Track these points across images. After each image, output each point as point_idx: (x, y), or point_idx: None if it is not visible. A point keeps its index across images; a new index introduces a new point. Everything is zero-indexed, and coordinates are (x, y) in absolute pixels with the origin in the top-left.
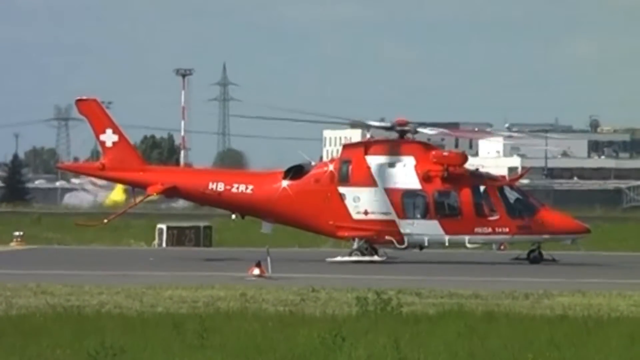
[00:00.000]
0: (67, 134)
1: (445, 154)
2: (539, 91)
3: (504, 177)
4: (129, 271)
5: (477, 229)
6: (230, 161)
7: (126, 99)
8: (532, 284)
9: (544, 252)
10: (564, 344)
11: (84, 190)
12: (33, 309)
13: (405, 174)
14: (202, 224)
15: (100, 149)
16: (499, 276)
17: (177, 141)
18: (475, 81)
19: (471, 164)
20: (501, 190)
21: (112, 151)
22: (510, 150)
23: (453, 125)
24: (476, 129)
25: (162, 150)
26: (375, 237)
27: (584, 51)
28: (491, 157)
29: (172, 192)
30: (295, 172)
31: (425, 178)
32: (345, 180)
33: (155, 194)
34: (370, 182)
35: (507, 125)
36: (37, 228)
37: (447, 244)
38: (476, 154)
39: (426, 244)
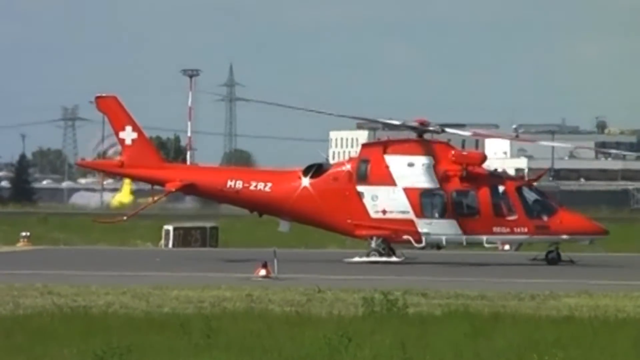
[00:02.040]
0: (74, 134)
1: (465, 153)
2: (545, 92)
3: (522, 177)
4: (136, 272)
5: (495, 229)
6: (237, 162)
7: (133, 99)
8: (539, 285)
9: (562, 253)
10: (570, 345)
11: (91, 190)
12: (40, 309)
13: (424, 174)
14: (208, 224)
15: (120, 146)
16: (505, 277)
17: (184, 142)
18: (481, 82)
19: None
20: (519, 190)
21: (131, 148)
22: (517, 152)
23: (460, 126)
24: (512, 132)
25: (168, 151)
26: (393, 236)
27: (591, 52)
28: (498, 158)
29: (190, 189)
30: (315, 170)
31: (443, 177)
32: (363, 179)
33: (174, 190)
34: (388, 181)
35: (514, 126)
36: (44, 228)
37: (464, 243)
38: None
39: (444, 243)
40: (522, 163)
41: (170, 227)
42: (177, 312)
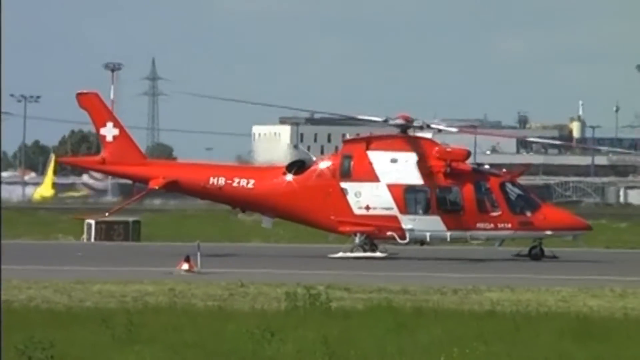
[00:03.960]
0: None
1: (449, 149)
2: (467, 87)
3: (506, 173)
4: (58, 266)
5: (479, 225)
6: (159, 156)
7: (55, 94)
8: (461, 280)
9: (545, 249)
10: (493, 340)
11: (13, 184)
12: None
13: (407, 170)
14: (130, 218)
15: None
16: (428, 272)
17: None
18: (403, 77)
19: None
20: (503, 186)
21: (112, 145)
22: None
23: (384, 122)
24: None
25: (90, 145)
26: (377, 233)
27: (512, 47)
28: None
29: (173, 187)
30: (298, 167)
31: (427, 173)
32: (346, 175)
33: (157, 188)
34: (372, 177)
35: (436, 120)
36: None
37: (449, 239)
38: None
39: (428, 239)
40: None
41: (92, 221)
42: (100, 307)
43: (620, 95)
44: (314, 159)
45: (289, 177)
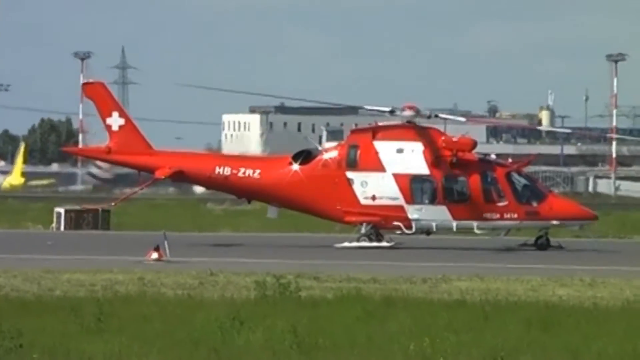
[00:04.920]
0: None
1: (455, 139)
2: (437, 76)
3: (512, 163)
4: (27, 254)
5: (485, 215)
6: None
7: (24, 83)
8: (431, 269)
9: (551, 239)
10: (462, 329)
11: None
12: None
13: (414, 159)
14: (100, 207)
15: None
16: (397, 260)
17: (76, 125)
18: (374, 67)
19: None
20: (509, 176)
21: (118, 135)
22: None
23: (352, 110)
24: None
25: (60, 134)
26: (383, 223)
27: (482, 37)
28: None
29: (179, 176)
30: (304, 157)
31: (433, 163)
32: (353, 165)
33: (163, 177)
34: (378, 167)
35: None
36: None
37: (455, 229)
38: None
39: (434, 229)
40: None
41: (61, 210)
42: (69, 296)
43: (590, 85)
44: (320, 148)
45: (295, 167)
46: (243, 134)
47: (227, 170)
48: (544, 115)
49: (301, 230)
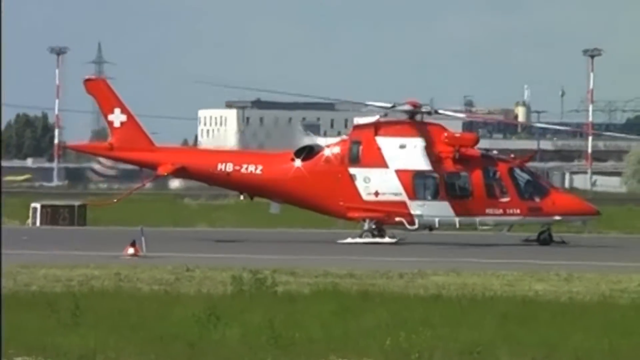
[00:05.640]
0: None
1: (457, 135)
2: (413, 71)
3: (514, 158)
4: (3, 250)
5: (488, 211)
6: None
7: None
8: (407, 264)
9: (553, 234)
10: (438, 323)
11: None
12: None
13: (416, 155)
14: (76, 202)
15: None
16: (373, 256)
17: (52, 120)
18: (350, 61)
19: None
20: (512, 171)
21: (120, 131)
22: None
23: (329, 105)
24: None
25: (35, 129)
26: (386, 218)
27: (458, 32)
28: None
29: (181, 173)
30: (307, 153)
31: (436, 159)
32: (355, 161)
33: (165, 174)
34: (380, 163)
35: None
36: None
37: (457, 225)
38: None
39: (437, 225)
40: None
41: (37, 205)
42: (45, 291)
43: (566, 80)
44: (322, 144)
45: (298, 162)
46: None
47: (229, 167)
48: (520, 111)
49: (279, 226)
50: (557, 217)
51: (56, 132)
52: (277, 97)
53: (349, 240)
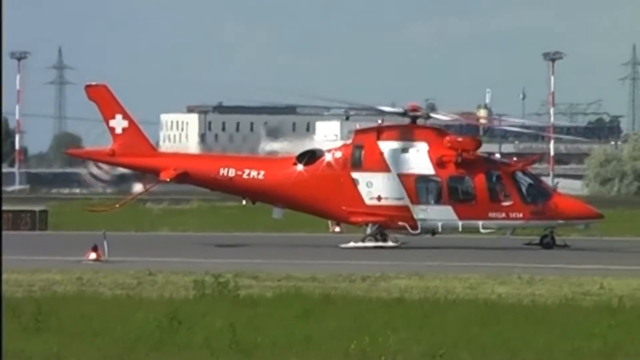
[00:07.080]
0: None
1: (460, 139)
2: (375, 74)
3: (517, 162)
4: None
5: (490, 214)
6: (67, 144)
7: None
8: (370, 267)
9: (556, 238)
10: (401, 326)
11: None
12: None
13: (419, 159)
14: (37, 207)
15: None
16: (336, 259)
17: (12, 125)
18: (310, 65)
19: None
20: (514, 175)
21: (122, 137)
22: (347, 134)
23: (291, 109)
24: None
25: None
26: (389, 223)
27: (419, 35)
28: (329, 140)
29: (183, 178)
30: (309, 157)
31: (438, 163)
32: (358, 165)
33: (168, 180)
34: (383, 167)
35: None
36: None
37: (460, 229)
38: None
39: (439, 229)
40: None
41: None
42: (7, 296)
43: (527, 83)
44: (324, 149)
45: (300, 167)
46: (182, 135)
47: (231, 172)
48: (482, 114)
49: (241, 230)
50: (560, 221)
51: (17, 137)
52: (239, 101)
53: (352, 244)
